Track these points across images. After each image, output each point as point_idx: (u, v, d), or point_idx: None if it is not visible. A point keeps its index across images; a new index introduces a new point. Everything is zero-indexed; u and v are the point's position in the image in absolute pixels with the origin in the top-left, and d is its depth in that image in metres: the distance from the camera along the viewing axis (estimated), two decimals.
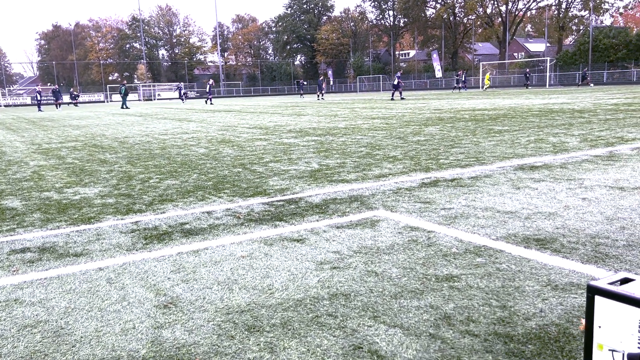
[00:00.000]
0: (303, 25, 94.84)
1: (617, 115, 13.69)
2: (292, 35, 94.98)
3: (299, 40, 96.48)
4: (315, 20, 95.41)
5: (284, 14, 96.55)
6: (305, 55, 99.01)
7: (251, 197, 5.39)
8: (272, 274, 3.18)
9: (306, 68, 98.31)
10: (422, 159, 7.42)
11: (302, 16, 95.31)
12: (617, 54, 52.89)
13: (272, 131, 13.45)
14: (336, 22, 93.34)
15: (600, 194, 4.91)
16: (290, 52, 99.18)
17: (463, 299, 2.72)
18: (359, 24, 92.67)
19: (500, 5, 71.10)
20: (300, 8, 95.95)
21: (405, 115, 17.60)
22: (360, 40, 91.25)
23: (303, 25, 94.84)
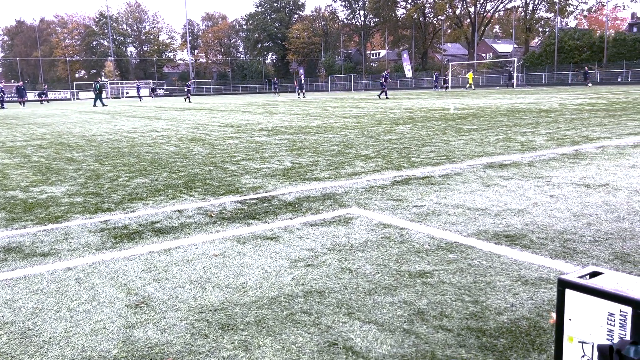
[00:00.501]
0: (274, 23, 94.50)
1: (582, 115, 14.04)
2: (263, 33, 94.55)
3: (270, 38, 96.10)
4: (287, 18, 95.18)
5: (254, 12, 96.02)
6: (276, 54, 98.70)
7: (223, 196, 5.34)
8: (246, 272, 3.16)
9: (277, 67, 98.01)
10: (393, 158, 7.48)
11: (273, 14, 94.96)
12: (581, 56, 54.24)
13: (243, 129, 13.37)
14: (307, 21, 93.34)
15: (567, 191, 5.02)
16: (262, 51, 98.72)
17: (436, 294, 2.74)
18: (330, 23, 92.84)
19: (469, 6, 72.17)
20: (271, 6, 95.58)
21: (377, 114, 17.71)
22: (332, 39, 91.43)
23: (274, 23, 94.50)
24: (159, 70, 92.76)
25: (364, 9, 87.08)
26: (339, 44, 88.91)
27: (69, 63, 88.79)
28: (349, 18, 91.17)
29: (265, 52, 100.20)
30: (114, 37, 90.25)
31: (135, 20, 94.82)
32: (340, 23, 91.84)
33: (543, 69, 55.83)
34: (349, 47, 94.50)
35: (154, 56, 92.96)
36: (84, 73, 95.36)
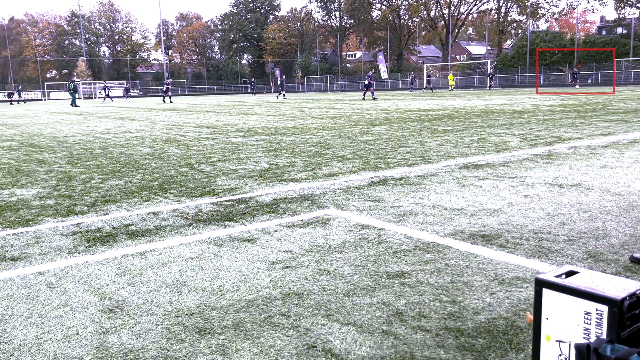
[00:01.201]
0: (250, 24, 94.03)
1: (554, 116, 14.29)
2: (238, 33, 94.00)
3: (245, 39, 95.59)
4: (262, 19, 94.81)
5: (230, 12, 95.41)
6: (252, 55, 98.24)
7: (199, 197, 5.28)
8: (223, 274, 3.12)
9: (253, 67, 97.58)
10: (370, 158, 7.50)
11: (249, 15, 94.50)
12: (552, 58, 55.28)
13: (219, 130, 13.26)
14: (283, 22, 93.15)
15: (541, 191, 5.09)
16: (237, 51, 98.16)
17: (414, 295, 2.75)
18: (305, 24, 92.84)
19: (443, 8, 72.94)
20: (247, 7, 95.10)
21: (353, 115, 17.76)
22: (308, 40, 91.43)
23: (250, 24, 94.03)
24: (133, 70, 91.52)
25: (339, 10, 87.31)
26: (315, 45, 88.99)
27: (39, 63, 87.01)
28: (324, 19, 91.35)
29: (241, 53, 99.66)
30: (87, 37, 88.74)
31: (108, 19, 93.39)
32: (316, 24, 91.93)
33: (516, 70, 56.73)
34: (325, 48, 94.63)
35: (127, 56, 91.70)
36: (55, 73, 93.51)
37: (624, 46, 49.77)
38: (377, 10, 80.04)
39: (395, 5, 76.11)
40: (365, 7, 78.49)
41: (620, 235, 3.61)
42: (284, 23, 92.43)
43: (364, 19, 79.45)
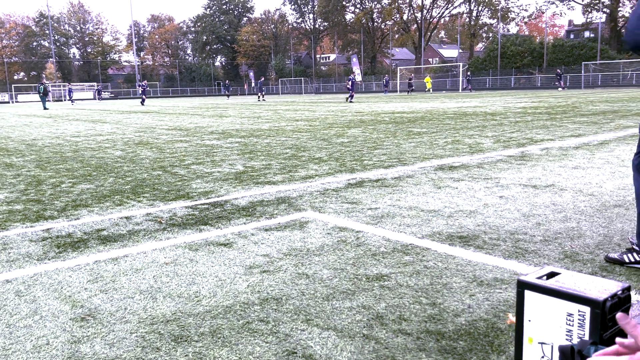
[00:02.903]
0: (223, 26, 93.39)
1: (525, 118, 14.51)
2: (211, 35, 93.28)
3: (219, 41, 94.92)
4: (236, 21, 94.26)
5: (203, 14, 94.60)
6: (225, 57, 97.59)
7: (173, 201, 5.18)
8: (199, 280, 3.05)
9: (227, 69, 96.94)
10: (346, 160, 7.48)
11: (222, 17, 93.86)
12: (523, 61, 56.25)
13: (193, 133, 13.11)
14: (256, 24, 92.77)
15: (516, 192, 5.14)
16: (210, 53, 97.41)
17: (394, 297, 2.72)
18: (279, 27, 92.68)
19: (416, 12, 73.65)
20: (220, 8, 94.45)
21: (328, 117, 17.76)
22: (282, 42, 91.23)
23: (223, 26, 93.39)
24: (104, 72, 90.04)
25: (313, 13, 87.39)
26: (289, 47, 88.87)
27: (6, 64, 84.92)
28: (298, 21, 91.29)
29: (214, 55, 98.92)
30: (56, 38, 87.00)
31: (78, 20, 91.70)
32: (289, 26, 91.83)
33: (487, 73, 57.56)
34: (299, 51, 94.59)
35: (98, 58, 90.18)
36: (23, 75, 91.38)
37: (592, 50, 50.96)
38: (351, 13, 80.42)
39: (368, 9, 76.54)
40: (339, 10, 78.75)
41: (595, 236, 3.66)
42: (257, 25, 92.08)
43: (338, 22, 79.70)
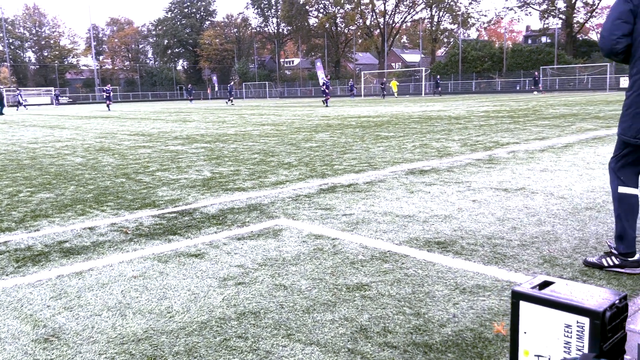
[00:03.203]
0: (185, 29, 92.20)
1: (489, 121, 14.72)
2: (173, 39, 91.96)
3: (180, 44, 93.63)
4: (198, 24, 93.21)
5: (164, 17, 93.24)
6: (188, 61, 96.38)
7: (139, 210, 4.98)
8: (170, 294, 2.89)
9: (189, 73, 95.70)
10: (317, 165, 7.39)
11: (184, 20, 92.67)
12: (483, 65, 57.37)
13: (156, 138, 12.80)
14: (219, 28, 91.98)
15: (488, 195, 5.14)
16: (172, 57, 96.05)
17: (377, 308, 2.63)
18: (242, 30, 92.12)
19: (379, 17, 74.34)
20: (182, 12, 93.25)
21: (295, 121, 17.65)
22: (245, 46, 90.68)
23: (185, 29, 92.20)
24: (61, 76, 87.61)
25: (276, 17, 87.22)
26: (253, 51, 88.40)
27: None
28: (261, 26, 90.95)
29: (176, 59, 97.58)
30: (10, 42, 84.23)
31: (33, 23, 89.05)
32: (253, 30, 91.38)
33: (449, 78, 58.47)
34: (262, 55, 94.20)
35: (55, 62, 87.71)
36: None
37: (549, 54, 52.39)
38: (314, 18, 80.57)
39: (331, 14, 76.85)
40: (302, 14, 78.83)
41: (571, 239, 3.66)
42: (220, 29, 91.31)
43: (301, 26, 79.74)
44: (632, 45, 2.84)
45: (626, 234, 2.97)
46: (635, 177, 3.02)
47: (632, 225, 2.98)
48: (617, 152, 3.04)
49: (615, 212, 3.03)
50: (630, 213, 2.97)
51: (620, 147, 3.01)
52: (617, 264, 2.99)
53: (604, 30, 2.91)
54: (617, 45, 2.85)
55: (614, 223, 3.08)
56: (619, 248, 3.00)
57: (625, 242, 2.97)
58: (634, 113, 2.87)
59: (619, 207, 2.99)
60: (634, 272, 2.95)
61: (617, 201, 3.01)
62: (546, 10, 59.20)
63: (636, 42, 2.81)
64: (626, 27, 2.82)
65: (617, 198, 3.01)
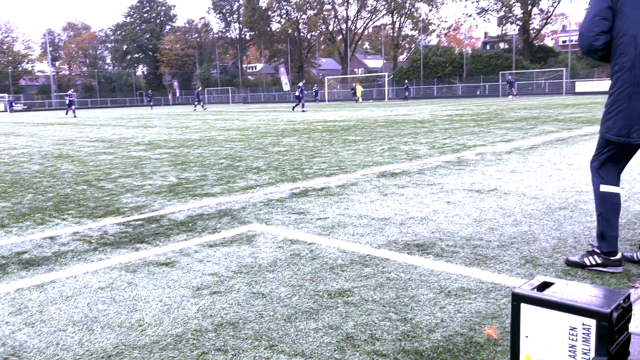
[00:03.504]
0: (144, 34, 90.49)
1: (453, 125, 14.87)
2: (132, 44, 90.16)
3: (140, 50, 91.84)
4: (158, 29, 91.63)
5: (122, 22, 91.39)
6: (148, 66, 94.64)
7: (102, 218, 4.75)
8: (141, 306, 2.72)
9: (149, 79, 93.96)
10: (286, 169, 7.25)
11: (143, 25, 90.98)
12: (444, 71, 58.29)
13: (117, 144, 12.42)
14: (180, 32, 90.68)
15: (462, 197, 5.11)
16: (131, 63, 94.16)
17: (361, 314, 2.52)
18: (204, 35, 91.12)
19: (341, 23, 74.76)
20: (141, 17, 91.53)
21: (260, 126, 17.46)
22: (207, 51, 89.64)
23: (144, 34, 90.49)
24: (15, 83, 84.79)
25: (238, 22, 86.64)
26: (215, 56, 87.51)
27: None
28: (223, 31, 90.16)
29: (136, 64, 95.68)
30: None
31: None
32: (215, 35, 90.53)
33: (411, 83, 59.16)
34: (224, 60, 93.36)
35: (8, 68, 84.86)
36: None
37: (507, 60, 53.63)
38: (277, 23, 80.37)
39: (294, 19, 76.87)
40: (265, 19, 78.52)
41: (549, 239, 3.63)
42: (181, 34, 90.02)
43: (264, 32, 79.39)
44: (612, 42, 2.82)
45: (608, 233, 2.95)
46: (617, 175, 3.00)
47: (614, 224, 2.96)
48: (599, 150, 3.02)
49: (597, 210, 3.00)
50: (612, 211, 2.95)
51: (602, 146, 2.99)
52: (600, 263, 2.97)
53: (582, 27, 2.89)
54: (595, 42, 2.82)
55: (596, 222, 3.06)
56: (601, 247, 2.97)
57: (607, 241, 2.94)
58: (617, 110, 2.84)
59: (601, 205, 2.97)
60: (616, 270, 2.93)
61: (599, 200, 2.99)
62: (504, 17, 60.67)
63: (616, 39, 2.79)
64: (605, 24, 2.80)
65: (600, 197, 2.98)
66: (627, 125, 2.81)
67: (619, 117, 2.82)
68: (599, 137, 3.02)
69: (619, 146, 2.89)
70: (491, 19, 65.14)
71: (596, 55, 2.89)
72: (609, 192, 2.95)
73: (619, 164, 2.98)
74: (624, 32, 2.75)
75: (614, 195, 2.95)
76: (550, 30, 64.01)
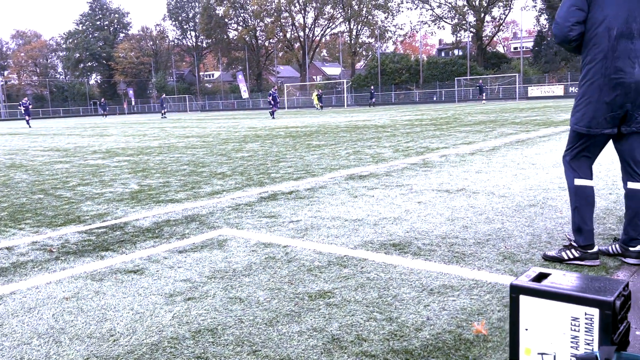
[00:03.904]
0: (97, 42, 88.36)
1: (414, 129, 15.03)
2: (85, 52, 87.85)
3: (93, 58, 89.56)
4: (111, 37, 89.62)
5: (74, 30, 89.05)
6: (102, 75, 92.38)
7: (63, 226, 4.52)
8: (111, 315, 2.56)
9: (103, 88, 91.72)
10: (252, 174, 7.12)
11: (96, 33, 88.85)
12: (401, 77, 59.17)
13: (73, 153, 11.99)
14: (134, 40, 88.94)
15: (432, 197, 5.11)
16: (84, 71, 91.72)
17: (345, 315, 2.44)
18: (159, 43, 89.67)
19: (299, 30, 74.92)
20: (93, 24, 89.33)
21: (221, 133, 17.21)
22: (162, 59, 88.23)
23: (97, 42, 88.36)
24: None
25: (195, 30, 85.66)
26: (171, 64, 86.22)
27: None
28: (179, 38, 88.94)
29: (89, 73, 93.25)
30: None
31: None
32: (170, 43, 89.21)
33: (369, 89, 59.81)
34: (181, 68, 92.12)
35: None
36: None
37: (462, 66, 54.87)
38: (234, 31, 79.87)
39: (251, 26, 76.56)
40: (221, 27, 77.92)
41: (524, 235, 3.64)
42: (135, 41, 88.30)
43: (221, 39, 78.72)
44: (585, 33, 2.84)
45: (584, 226, 2.96)
46: (590, 168, 3.03)
47: (590, 217, 2.98)
48: (571, 144, 3.04)
49: (573, 205, 3.02)
50: (587, 205, 2.97)
51: (574, 140, 3.01)
52: (577, 256, 2.98)
53: (558, 17, 2.89)
54: (570, 32, 2.83)
55: (570, 216, 3.07)
56: (578, 241, 2.98)
57: (584, 234, 2.96)
58: (587, 102, 2.86)
59: (576, 199, 2.98)
60: (593, 264, 2.94)
61: (573, 194, 3.00)
62: (458, 24, 62.06)
63: (590, 30, 2.81)
64: (580, 15, 2.80)
65: (574, 191, 2.99)
66: (597, 117, 2.83)
67: (589, 108, 2.84)
68: (570, 131, 3.03)
69: (590, 138, 2.91)
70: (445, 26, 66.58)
71: (570, 46, 2.90)
72: (583, 185, 2.97)
73: (592, 157, 3.00)
74: (599, 24, 2.77)
75: (587, 188, 2.97)
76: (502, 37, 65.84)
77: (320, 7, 71.98)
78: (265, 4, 72.66)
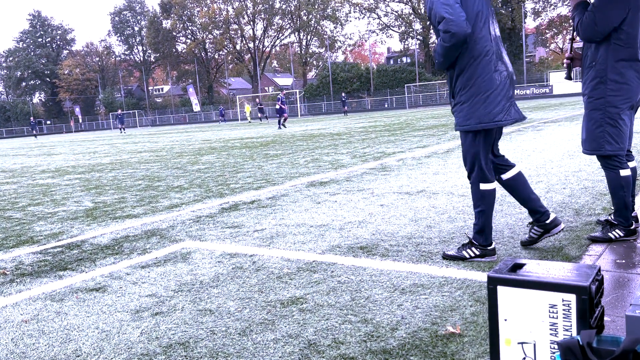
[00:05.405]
0: (40, 59, 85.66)
1: (369, 135, 15.18)
2: (27, 70, 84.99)
3: (36, 76, 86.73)
4: (54, 54, 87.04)
5: (15, 47, 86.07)
6: (45, 93, 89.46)
7: (15, 248, 4.31)
8: (75, 335, 2.44)
9: (49, 106, 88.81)
10: (211, 186, 7.00)
11: (38, 50, 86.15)
12: (352, 86, 59.82)
13: (20, 173, 11.52)
14: (79, 57, 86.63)
15: (393, 199, 5.15)
16: (27, 90, 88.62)
17: (319, 320, 2.41)
18: (105, 59, 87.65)
19: (248, 42, 74.74)
20: (35, 42, 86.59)
21: (174, 147, 16.91)
22: (109, 75, 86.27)
23: (40, 59, 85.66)
24: None
25: (142, 44, 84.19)
26: (118, 79, 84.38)
27: None
28: (126, 53, 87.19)
29: (32, 91, 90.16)
30: None
31: None
32: (117, 58, 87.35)
33: (322, 99, 60.16)
34: (129, 83, 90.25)
35: None
36: None
37: (411, 73, 55.95)
38: (182, 44, 78.94)
39: (200, 39, 75.87)
40: (169, 40, 76.88)
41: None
42: (80, 58, 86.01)
43: (169, 53, 77.61)
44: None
45: (487, 227, 3.07)
46: (491, 170, 3.08)
47: (491, 218, 3.09)
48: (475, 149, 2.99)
49: (478, 208, 3.06)
50: (492, 207, 3.08)
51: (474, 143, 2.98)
52: (479, 254, 3.08)
53: (449, 14, 2.69)
54: (468, 29, 2.72)
55: (475, 218, 3.10)
56: (479, 240, 3.08)
57: (485, 235, 3.07)
58: (483, 99, 2.86)
59: (483, 203, 3.04)
60: (492, 259, 3.08)
61: (480, 199, 3.04)
62: (405, 32, 63.32)
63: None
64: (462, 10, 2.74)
65: (481, 195, 3.04)
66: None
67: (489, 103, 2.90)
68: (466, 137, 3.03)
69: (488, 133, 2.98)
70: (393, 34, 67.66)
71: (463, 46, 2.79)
72: (488, 189, 3.04)
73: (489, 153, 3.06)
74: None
75: (492, 191, 3.06)
76: None
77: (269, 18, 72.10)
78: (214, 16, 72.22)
